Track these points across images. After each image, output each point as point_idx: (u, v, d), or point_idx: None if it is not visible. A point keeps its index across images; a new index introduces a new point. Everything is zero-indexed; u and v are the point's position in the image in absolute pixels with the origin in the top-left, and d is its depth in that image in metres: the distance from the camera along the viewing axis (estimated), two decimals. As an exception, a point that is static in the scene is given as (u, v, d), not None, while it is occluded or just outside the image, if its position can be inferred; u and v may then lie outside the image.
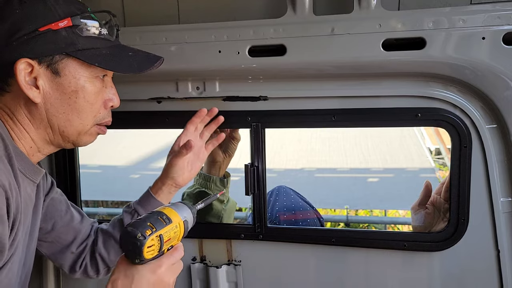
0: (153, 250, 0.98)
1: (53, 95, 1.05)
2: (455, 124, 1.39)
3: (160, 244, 0.98)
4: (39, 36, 1.01)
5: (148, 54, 1.17)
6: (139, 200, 1.42)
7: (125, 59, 1.11)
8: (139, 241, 0.95)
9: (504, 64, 1.27)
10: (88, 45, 1.05)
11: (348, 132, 5.55)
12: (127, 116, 1.62)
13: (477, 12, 1.25)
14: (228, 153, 1.76)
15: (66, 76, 1.05)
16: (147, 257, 0.97)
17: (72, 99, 1.06)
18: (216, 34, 1.41)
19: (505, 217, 1.42)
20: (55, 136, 1.10)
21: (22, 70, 1.01)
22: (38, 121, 1.08)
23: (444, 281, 1.52)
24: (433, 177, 5.44)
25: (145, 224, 0.97)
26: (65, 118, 1.08)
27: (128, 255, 0.99)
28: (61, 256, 1.39)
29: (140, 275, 0.98)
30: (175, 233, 1.02)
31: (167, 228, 1.00)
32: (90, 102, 1.09)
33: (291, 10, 1.36)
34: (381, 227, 4.50)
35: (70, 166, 1.71)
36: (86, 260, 1.41)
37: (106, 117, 1.16)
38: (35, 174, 1.13)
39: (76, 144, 1.14)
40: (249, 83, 1.52)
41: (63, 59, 1.04)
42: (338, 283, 1.61)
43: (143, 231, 0.95)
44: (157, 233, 0.97)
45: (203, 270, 1.70)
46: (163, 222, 1.00)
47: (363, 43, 1.32)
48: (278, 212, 1.81)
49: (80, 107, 1.08)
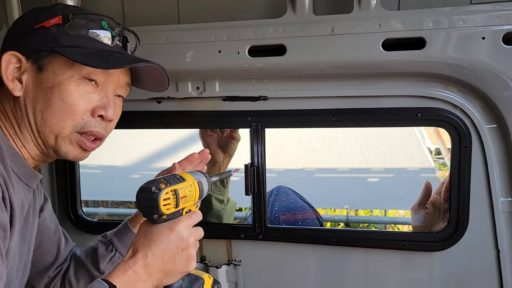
0: (169, 204, 0.97)
1: (33, 90, 1.02)
2: (455, 124, 1.39)
3: (176, 200, 0.98)
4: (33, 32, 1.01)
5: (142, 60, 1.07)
6: (116, 232, 1.37)
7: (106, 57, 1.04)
8: (154, 194, 0.95)
9: (504, 64, 1.27)
10: (74, 43, 1.01)
11: (348, 132, 5.54)
12: (127, 116, 1.61)
13: (477, 12, 1.26)
14: (228, 153, 1.76)
15: (48, 71, 1.01)
16: (164, 211, 0.96)
17: (47, 95, 1.01)
18: (216, 34, 1.41)
19: (505, 217, 1.42)
20: (35, 138, 1.04)
21: (5, 62, 1.00)
22: (20, 119, 1.03)
23: (444, 281, 1.52)
24: (433, 177, 5.44)
25: (160, 180, 0.98)
26: (40, 116, 1.02)
27: (145, 212, 0.98)
28: (37, 279, 1.33)
29: (159, 232, 0.97)
30: (190, 191, 1.02)
31: (181, 185, 1.01)
32: (66, 101, 1.01)
33: (291, 10, 1.36)
34: (381, 227, 4.50)
35: (70, 166, 1.70)
36: (57, 285, 1.36)
37: (92, 126, 1.05)
38: (30, 178, 1.08)
39: (56, 151, 1.06)
40: (249, 83, 1.52)
41: (49, 55, 1.01)
42: (338, 283, 1.61)
43: (158, 185, 0.96)
44: (172, 187, 0.98)
45: (203, 270, 1.69)
46: (177, 180, 1.01)
47: (363, 43, 1.32)
48: (277, 212, 1.81)
49: (54, 105, 1.01)
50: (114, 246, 1.34)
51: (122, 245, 1.34)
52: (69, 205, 1.73)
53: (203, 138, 1.78)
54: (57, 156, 1.08)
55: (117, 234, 1.36)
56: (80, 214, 1.74)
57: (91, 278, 1.35)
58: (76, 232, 1.74)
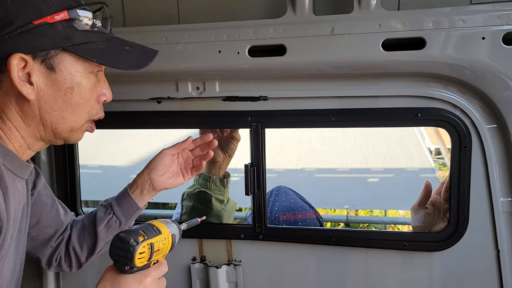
0: (143, 258, 0.99)
1: (48, 91, 1.01)
2: (455, 124, 1.39)
3: (150, 253, 1.00)
4: (34, 29, 0.95)
5: (143, 48, 1.13)
6: (117, 196, 1.41)
7: (122, 54, 1.07)
8: (131, 247, 0.96)
9: (504, 64, 1.27)
10: (84, 39, 1.00)
11: (348, 132, 5.54)
12: (127, 116, 1.62)
13: (477, 12, 1.25)
14: (228, 153, 1.76)
15: (62, 72, 1.00)
16: (137, 264, 0.98)
17: (67, 96, 1.02)
18: (216, 34, 1.41)
19: (505, 217, 1.42)
20: (46, 133, 1.06)
21: (15, 66, 0.95)
22: (30, 118, 1.03)
23: (444, 281, 1.52)
24: (433, 177, 5.44)
25: (138, 232, 0.99)
26: (58, 115, 1.03)
27: (118, 262, 0.99)
28: (40, 250, 1.37)
29: (126, 283, 0.99)
30: (163, 244, 1.04)
31: (157, 238, 1.02)
32: (85, 98, 1.06)
33: (291, 10, 1.36)
34: (381, 227, 4.50)
35: (70, 166, 1.70)
36: (61, 253, 1.39)
37: (99, 112, 1.13)
38: (23, 170, 1.10)
39: (67, 140, 1.11)
40: (249, 83, 1.52)
41: (59, 54, 0.99)
42: (338, 283, 1.61)
43: (136, 237, 0.97)
44: (149, 241, 0.99)
45: (203, 270, 1.70)
46: (154, 232, 1.02)
47: (363, 43, 1.32)
48: (277, 212, 1.81)
49: (75, 104, 1.04)
50: (112, 210, 1.37)
51: (120, 210, 1.37)
52: (69, 205, 1.72)
53: (203, 138, 1.78)
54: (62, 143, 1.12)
55: (117, 199, 1.40)
56: (80, 214, 1.74)
57: (93, 241, 1.39)
58: (76, 232, 1.74)
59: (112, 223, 1.37)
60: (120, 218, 1.37)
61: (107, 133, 1.70)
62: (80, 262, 1.42)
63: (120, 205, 1.38)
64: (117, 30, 1.50)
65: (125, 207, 1.37)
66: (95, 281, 1.00)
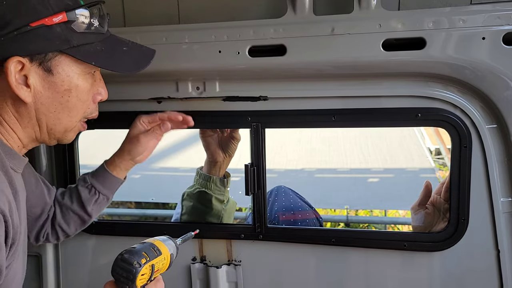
0: (144, 279, 1.02)
1: (45, 94, 1.00)
2: (455, 124, 1.39)
3: (150, 273, 1.03)
4: (31, 32, 0.93)
5: (141, 47, 1.12)
6: (95, 175, 1.41)
7: (120, 56, 1.06)
8: (134, 269, 0.99)
9: (504, 64, 1.27)
10: (82, 40, 0.99)
11: (348, 132, 5.53)
12: (127, 116, 1.61)
13: (477, 12, 1.25)
14: (228, 153, 1.77)
15: (59, 74, 0.99)
16: (138, 285, 1.01)
17: (64, 98, 1.02)
18: (216, 34, 1.41)
19: (505, 217, 1.42)
20: (42, 134, 1.06)
21: (13, 69, 0.94)
22: (26, 120, 1.02)
23: (444, 281, 1.52)
24: (433, 177, 5.44)
25: (140, 253, 1.02)
26: (55, 116, 1.03)
27: (119, 281, 1.02)
28: (28, 228, 1.36)
29: None
30: (163, 264, 1.08)
31: (158, 259, 1.05)
32: (82, 99, 1.05)
33: (291, 10, 1.36)
34: (381, 227, 4.50)
35: (70, 166, 1.70)
36: (48, 230, 1.41)
37: (94, 111, 1.12)
38: (21, 166, 1.10)
39: (60, 141, 1.11)
40: (249, 83, 1.52)
41: (56, 56, 0.98)
42: (338, 283, 1.61)
43: (139, 259, 1.00)
44: (151, 262, 1.03)
45: (203, 270, 1.70)
46: (155, 253, 1.05)
47: (363, 43, 1.32)
48: (277, 212, 1.81)
49: (72, 106, 1.04)
50: (96, 189, 1.40)
51: (104, 188, 1.40)
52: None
53: (203, 138, 1.78)
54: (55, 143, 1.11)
55: (97, 178, 1.41)
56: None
57: (82, 221, 1.43)
58: (76, 232, 1.74)
59: (101, 201, 1.42)
60: (107, 194, 1.42)
61: (107, 133, 1.70)
62: (68, 235, 1.45)
63: (103, 183, 1.40)
64: (117, 30, 1.50)
65: (109, 184, 1.41)
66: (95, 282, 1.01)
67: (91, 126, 1.63)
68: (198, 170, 1.81)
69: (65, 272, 1.80)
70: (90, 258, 1.78)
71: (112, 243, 1.74)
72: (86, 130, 1.54)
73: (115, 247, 1.79)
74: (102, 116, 1.62)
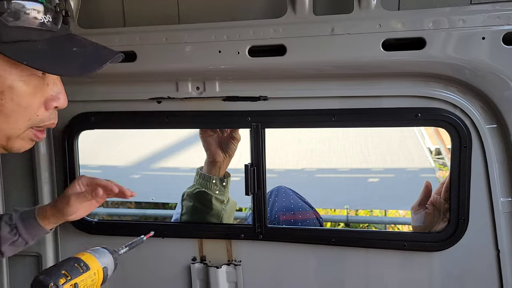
0: None
1: None
2: (455, 124, 1.39)
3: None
4: None
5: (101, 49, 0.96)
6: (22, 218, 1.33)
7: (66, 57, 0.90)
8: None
9: (504, 64, 1.27)
10: (17, 37, 0.83)
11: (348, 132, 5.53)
12: (127, 116, 1.62)
13: (477, 12, 1.25)
14: (228, 153, 1.76)
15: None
16: None
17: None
18: (216, 34, 1.41)
19: (505, 217, 1.42)
20: None
21: None
22: None
23: (444, 281, 1.52)
24: (433, 177, 5.44)
25: (59, 272, 0.93)
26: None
27: None
28: None
29: None
30: (92, 281, 0.98)
31: (84, 276, 0.96)
32: (22, 105, 0.89)
33: (291, 10, 1.36)
34: (381, 227, 4.50)
35: (70, 166, 1.70)
36: None
37: (47, 119, 0.96)
38: None
39: (8, 149, 0.96)
40: (249, 83, 1.52)
41: None
42: (338, 283, 1.61)
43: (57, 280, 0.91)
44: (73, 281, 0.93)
45: (203, 270, 1.70)
46: (80, 269, 0.96)
47: (363, 43, 1.32)
48: (277, 212, 1.81)
49: (8, 111, 0.88)
50: (18, 232, 1.31)
51: (27, 233, 1.32)
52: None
53: (203, 138, 1.78)
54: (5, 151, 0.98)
55: (23, 221, 1.32)
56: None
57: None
58: (76, 232, 1.74)
59: (18, 243, 1.33)
60: (27, 240, 1.32)
61: (107, 133, 1.70)
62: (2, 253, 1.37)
63: (27, 229, 1.31)
64: (117, 30, 1.51)
65: (33, 231, 1.32)
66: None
67: (91, 126, 1.65)
68: (198, 170, 1.81)
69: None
70: (90, 258, 1.78)
71: (112, 243, 1.72)
72: (86, 130, 1.54)
73: (115, 247, 1.80)
74: (102, 116, 1.64)
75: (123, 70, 1.48)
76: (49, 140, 1.72)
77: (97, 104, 1.62)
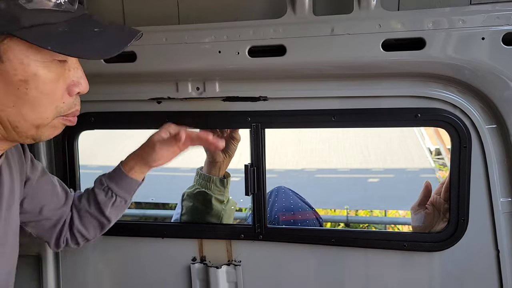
0: None
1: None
2: (455, 124, 1.39)
3: None
4: None
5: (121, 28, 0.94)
6: (111, 177, 1.37)
7: (88, 39, 0.86)
8: None
9: (504, 64, 1.27)
10: (37, 20, 0.80)
11: (348, 132, 5.53)
12: (127, 116, 1.62)
13: (477, 12, 1.26)
14: (228, 153, 1.76)
15: (10, 61, 0.82)
16: None
17: (21, 90, 0.84)
18: (216, 34, 1.41)
19: (505, 217, 1.42)
20: (8, 133, 0.91)
21: None
22: None
23: (444, 281, 1.52)
24: (433, 177, 5.44)
25: None
26: (16, 112, 0.86)
27: None
28: (47, 235, 1.36)
29: None
30: None
31: None
32: (46, 92, 0.87)
33: (291, 11, 1.36)
34: (381, 227, 4.50)
35: (70, 166, 1.70)
36: (67, 235, 1.38)
37: (73, 106, 0.94)
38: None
39: (37, 139, 0.94)
40: (249, 83, 1.52)
41: (5, 40, 0.80)
42: (337, 283, 1.61)
43: None
44: None
45: (203, 270, 1.70)
46: None
47: (363, 43, 1.32)
48: (277, 212, 1.81)
49: (33, 100, 0.86)
50: (113, 192, 1.35)
51: (121, 190, 1.36)
52: (69, 205, 1.73)
53: (203, 138, 1.78)
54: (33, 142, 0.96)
55: (113, 180, 1.36)
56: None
57: (100, 225, 1.40)
58: (76, 232, 1.74)
59: (118, 204, 1.37)
60: (125, 197, 1.37)
61: (107, 133, 1.70)
62: (88, 239, 1.43)
63: (119, 185, 1.35)
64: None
65: (126, 186, 1.36)
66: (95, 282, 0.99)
67: (91, 126, 1.65)
68: (198, 170, 1.81)
69: (65, 272, 1.80)
70: (90, 258, 1.78)
71: (112, 243, 1.74)
72: (86, 131, 1.55)
73: (115, 247, 1.81)
74: (102, 116, 1.64)
75: (123, 70, 1.48)
76: (49, 140, 1.72)
77: (97, 104, 1.62)
